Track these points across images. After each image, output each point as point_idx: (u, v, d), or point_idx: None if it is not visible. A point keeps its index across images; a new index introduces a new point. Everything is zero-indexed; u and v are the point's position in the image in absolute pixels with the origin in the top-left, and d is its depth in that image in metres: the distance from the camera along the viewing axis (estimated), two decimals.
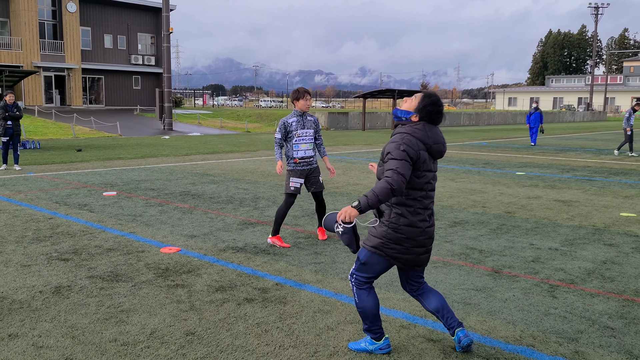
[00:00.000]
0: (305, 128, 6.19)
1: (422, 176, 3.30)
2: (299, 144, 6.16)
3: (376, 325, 3.48)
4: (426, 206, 3.36)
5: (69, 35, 41.07)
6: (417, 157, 3.23)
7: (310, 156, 6.28)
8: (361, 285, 3.47)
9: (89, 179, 11.34)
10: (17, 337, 3.72)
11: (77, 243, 6.20)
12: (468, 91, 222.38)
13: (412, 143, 3.22)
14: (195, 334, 3.80)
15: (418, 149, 3.23)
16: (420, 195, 3.32)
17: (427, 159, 3.29)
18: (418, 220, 3.31)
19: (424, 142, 3.27)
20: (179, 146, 20.22)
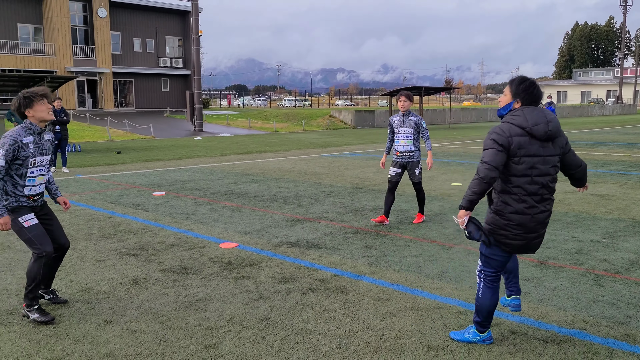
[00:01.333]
0: (404, 127, 7.11)
1: (522, 162, 3.27)
2: (398, 140, 7.17)
3: (487, 321, 3.60)
4: (534, 192, 3.31)
5: (100, 40, 42.09)
6: (509, 143, 3.26)
7: (408, 151, 7.15)
8: (490, 281, 3.55)
9: (135, 179, 11.85)
10: (111, 322, 4.13)
11: (141, 240, 6.63)
12: (493, 86, 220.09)
13: (502, 130, 3.29)
14: (270, 319, 4.16)
15: (510, 135, 3.26)
16: (523, 182, 3.30)
17: (525, 143, 3.25)
18: (524, 207, 3.32)
19: (521, 127, 3.27)
20: (212, 147, 20.73)
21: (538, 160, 3.30)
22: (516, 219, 3.34)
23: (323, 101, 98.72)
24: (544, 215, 3.40)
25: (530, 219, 3.34)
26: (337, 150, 18.88)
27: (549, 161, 3.34)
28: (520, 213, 3.33)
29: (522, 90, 3.37)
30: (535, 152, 3.29)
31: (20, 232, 4.12)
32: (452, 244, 6.29)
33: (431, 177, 11.72)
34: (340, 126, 36.19)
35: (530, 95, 3.36)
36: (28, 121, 4.15)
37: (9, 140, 3.99)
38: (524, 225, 3.35)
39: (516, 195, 3.33)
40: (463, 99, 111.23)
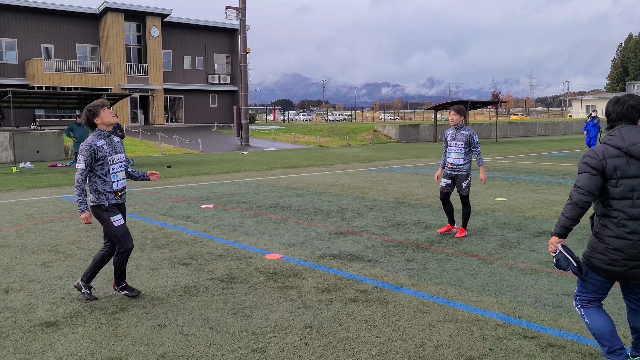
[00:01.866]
0: (456, 140, 7.40)
1: (620, 184, 3.16)
2: (450, 153, 7.50)
3: (615, 344, 3.33)
4: (636, 216, 3.16)
5: (152, 58, 43.70)
6: (603, 166, 3.17)
7: (458, 164, 7.42)
8: (586, 304, 3.43)
9: (185, 193, 12.32)
10: (165, 326, 4.42)
11: (191, 250, 6.96)
12: (542, 99, 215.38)
13: (595, 153, 3.21)
14: (312, 327, 4.36)
15: (603, 158, 3.17)
16: (624, 205, 3.18)
17: (622, 164, 3.15)
18: (625, 231, 3.18)
19: (618, 148, 3.16)
20: (258, 161, 21.21)
21: (638, 183, 3.15)
22: (615, 243, 3.21)
23: (367, 115, 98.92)
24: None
25: (631, 244, 3.17)
26: (381, 165, 19.00)
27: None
28: (620, 238, 3.19)
29: (610, 112, 3.29)
30: (635, 173, 3.15)
31: (109, 230, 4.92)
32: (494, 259, 6.35)
33: (475, 192, 11.71)
34: (384, 140, 36.27)
35: (623, 117, 3.24)
36: (97, 129, 4.93)
37: (86, 147, 4.80)
38: (623, 251, 3.19)
39: (616, 219, 3.21)
40: (511, 112, 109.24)
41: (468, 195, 7.49)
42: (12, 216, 9.51)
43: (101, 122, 4.91)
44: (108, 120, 4.91)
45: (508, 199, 10.77)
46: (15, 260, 6.56)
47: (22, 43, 39.50)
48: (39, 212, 9.86)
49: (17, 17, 39.03)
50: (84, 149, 4.80)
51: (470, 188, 7.47)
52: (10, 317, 4.65)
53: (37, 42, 40.08)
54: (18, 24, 39.14)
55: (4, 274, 5.95)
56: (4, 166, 19.66)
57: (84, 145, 4.81)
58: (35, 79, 38.51)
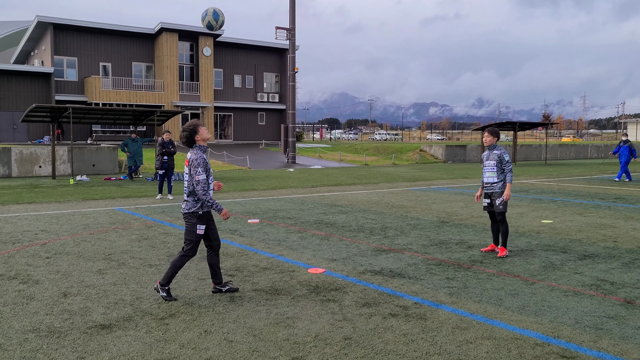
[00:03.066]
0: (489, 159, 7.65)
1: None
2: (485, 172, 7.71)
3: None
4: None
5: (204, 77, 45.05)
6: None
7: (492, 182, 7.61)
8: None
9: (232, 207, 12.67)
10: (211, 333, 4.64)
11: (237, 262, 7.21)
12: (596, 121, 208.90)
13: None
14: (352, 339, 4.49)
15: None
16: None
17: None
18: None
19: None
20: (304, 178, 21.51)
21: None
22: None
23: (414, 135, 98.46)
24: None
25: None
26: (426, 184, 18.96)
27: None
28: None
29: None
30: None
31: (191, 234, 5.48)
32: (536, 280, 6.32)
33: (521, 214, 11.58)
34: (430, 160, 36.07)
35: None
36: (198, 145, 5.53)
37: (202, 160, 5.43)
38: None
39: None
40: (562, 134, 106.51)
41: (504, 212, 7.56)
42: (69, 225, 10.05)
43: (200, 138, 5.52)
44: (206, 136, 5.54)
45: (554, 221, 10.61)
46: (73, 266, 6.96)
47: (82, 61, 41.47)
48: (94, 223, 10.38)
49: (78, 36, 41.06)
50: (201, 162, 5.40)
51: (506, 206, 7.53)
52: (69, 319, 4.97)
53: (95, 61, 41.99)
54: (78, 43, 41.17)
55: (62, 279, 6.34)
56: (62, 178, 20.65)
57: (200, 159, 5.42)
58: (93, 96, 40.29)
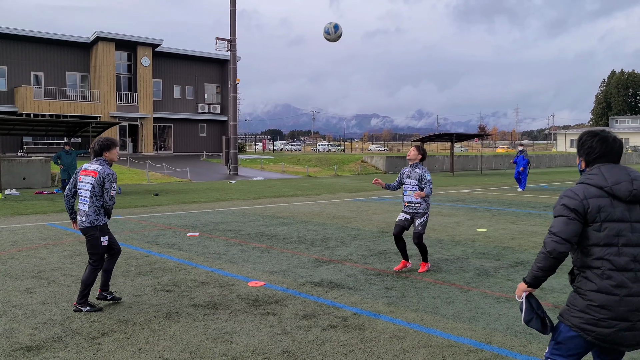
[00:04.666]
0: (410, 178, 7.27)
1: (604, 228, 2.75)
2: (406, 190, 7.32)
3: None
4: (623, 267, 2.73)
5: (142, 87, 44.06)
6: (585, 207, 2.78)
7: (414, 202, 7.25)
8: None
9: (171, 221, 12.40)
10: (145, 351, 4.50)
11: (174, 277, 7.05)
12: (528, 132, 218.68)
13: (574, 194, 2.82)
14: (290, 352, 4.47)
15: (584, 198, 2.79)
16: (608, 253, 2.74)
17: (605, 206, 2.76)
18: (610, 285, 2.73)
19: (600, 187, 2.79)
20: (246, 190, 21.34)
21: (625, 227, 2.74)
22: (597, 299, 2.75)
23: (356, 146, 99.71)
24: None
25: (618, 301, 2.71)
26: (367, 195, 19.22)
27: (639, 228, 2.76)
28: (604, 292, 2.74)
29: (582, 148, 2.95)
30: (621, 216, 2.75)
31: (96, 247, 5.61)
32: (470, 287, 6.51)
33: (457, 223, 11.92)
34: (371, 171, 36.60)
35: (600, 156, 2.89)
36: (105, 159, 5.73)
37: (114, 176, 5.66)
38: (609, 308, 2.72)
39: (599, 270, 2.76)
40: (497, 145, 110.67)
41: (422, 234, 7.21)
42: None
43: (109, 156, 5.77)
44: (114, 158, 5.81)
45: (489, 230, 10.98)
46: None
47: (12, 70, 39.71)
48: (23, 239, 9.90)
49: (7, 44, 39.32)
50: (114, 178, 5.67)
51: (424, 228, 7.23)
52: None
53: (27, 70, 40.31)
54: (8, 51, 39.42)
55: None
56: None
57: (113, 175, 5.66)
58: (24, 106, 38.59)
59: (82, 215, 5.64)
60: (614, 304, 2.71)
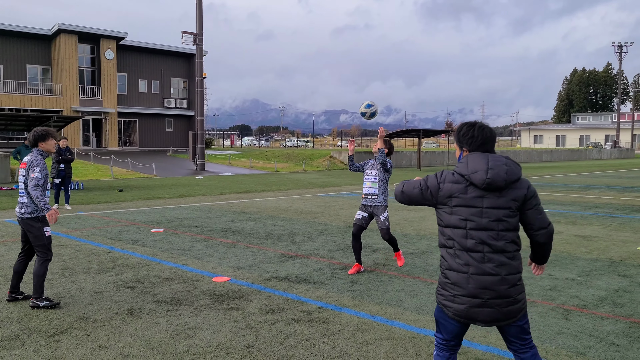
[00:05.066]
0: (373, 169, 6.87)
1: (455, 212, 2.96)
2: (365, 182, 6.93)
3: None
4: (471, 248, 2.92)
5: (106, 81, 43.16)
6: (437, 188, 3.02)
7: (371, 194, 6.84)
8: (439, 349, 3.14)
9: (135, 217, 12.21)
10: (105, 348, 4.43)
11: (138, 273, 6.95)
12: (494, 129, 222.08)
13: (439, 175, 3.05)
14: (254, 346, 4.46)
15: (442, 181, 3.01)
16: (457, 235, 2.96)
17: (458, 191, 2.95)
18: (459, 263, 2.94)
19: (461, 174, 2.97)
20: (213, 186, 21.16)
21: (475, 212, 2.92)
22: (451, 276, 2.98)
23: (325, 142, 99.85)
24: (489, 279, 2.90)
25: (466, 279, 2.92)
26: (335, 190, 19.27)
27: (491, 214, 2.92)
28: (455, 270, 2.96)
29: (457, 141, 3.10)
30: (472, 202, 2.93)
31: (41, 238, 5.49)
32: (434, 280, 6.60)
33: (423, 217, 12.06)
34: (340, 167, 36.71)
35: (467, 145, 3.05)
36: (39, 149, 5.59)
37: (41, 160, 5.49)
38: (460, 285, 2.94)
39: (451, 249, 2.99)
40: None
41: (388, 228, 6.87)
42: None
43: (45, 146, 5.65)
44: (50, 149, 5.67)
45: None
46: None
47: None
48: None
49: None
50: (40, 162, 5.46)
51: (389, 221, 6.80)
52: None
53: None
54: None
55: None
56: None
57: (39, 159, 5.49)
58: None
59: (20, 207, 5.52)
60: (463, 282, 2.92)
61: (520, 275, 2.99)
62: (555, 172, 32.41)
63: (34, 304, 5.45)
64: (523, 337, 3.04)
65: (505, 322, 2.96)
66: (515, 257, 2.97)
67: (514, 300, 2.94)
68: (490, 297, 2.90)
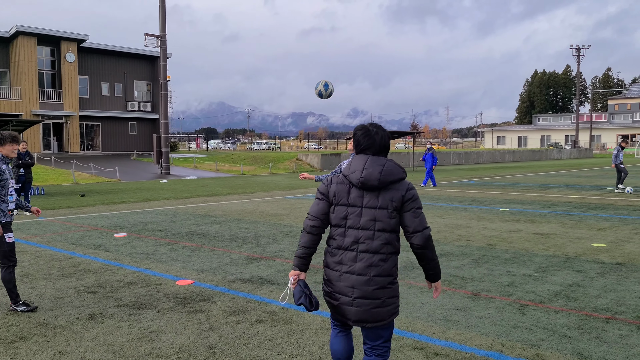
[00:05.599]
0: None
1: (336, 211, 3.06)
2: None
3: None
4: (346, 246, 3.01)
5: (67, 84, 42.28)
6: (328, 191, 3.10)
7: None
8: (332, 325, 3.32)
9: (97, 222, 12.03)
10: (66, 353, 4.39)
11: (99, 278, 6.87)
12: (458, 130, 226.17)
13: (327, 179, 3.17)
14: (217, 347, 4.48)
15: (330, 183, 3.12)
16: (336, 233, 3.06)
17: (342, 191, 3.05)
18: (334, 261, 3.06)
19: (345, 175, 3.07)
20: (178, 189, 20.96)
21: (355, 211, 3.01)
22: (327, 273, 3.10)
23: (292, 144, 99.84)
24: (357, 279, 2.97)
25: (338, 276, 3.01)
26: (301, 193, 19.33)
27: (369, 214, 2.99)
28: (330, 268, 3.07)
29: (353, 140, 3.16)
30: (352, 202, 3.02)
31: (1, 245, 5.41)
32: (398, 279, 6.70)
33: None
34: (306, 169, 36.77)
35: (356, 148, 3.13)
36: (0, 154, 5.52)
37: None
38: (332, 282, 3.05)
39: (330, 247, 3.11)
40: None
41: None
42: None
43: (4, 152, 5.54)
44: (8, 154, 5.54)
45: None
46: None
47: None
48: None
49: None
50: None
51: None
52: None
53: None
54: None
55: None
56: None
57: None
58: None
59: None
60: (335, 279, 3.01)
61: (392, 279, 3.01)
62: (517, 172, 33.18)
63: (12, 308, 5.51)
64: (377, 341, 3.07)
65: (372, 324, 2.99)
66: (389, 259, 3.00)
67: (382, 303, 2.97)
68: (357, 296, 2.95)
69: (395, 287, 3.06)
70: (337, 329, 3.26)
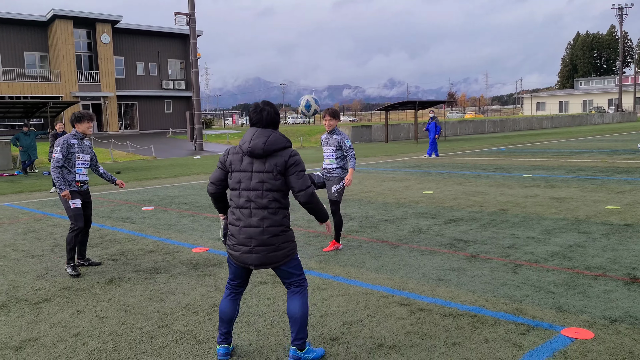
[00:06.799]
0: (328, 145, 6.88)
1: (232, 177, 3.61)
2: (325, 159, 6.95)
3: (220, 330, 3.78)
4: (242, 205, 3.55)
5: (103, 65, 43.37)
6: (224, 160, 3.66)
7: (330, 168, 6.85)
8: (226, 287, 3.83)
9: (128, 197, 12.63)
10: (83, 312, 4.85)
11: (122, 247, 7.37)
12: (498, 97, 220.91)
13: (226, 150, 3.71)
14: (218, 306, 4.85)
15: (227, 154, 3.66)
16: (233, 195, 3.61)
17: (236, 159, 3.58)
18: (234, 218, 3.60)
19: (239, 146, 3.61)
20: (209, 165, 21.54)
21: (245, 176, 3.55)
22: (230, 229, 3.64)
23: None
24: (253, 231, 3.52)
25: (238, 230, 3.56)
26: None
27: (257, 177, 3.53)
28: (232, 224, 3.62)
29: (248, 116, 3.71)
30: (244, 168, 3.56)
31: (68, 210, 6.16)
32: (400, 243, 6.97)
33: (407, 187, 12.40)
34: None
35: (250, 119, 3.65)
36: (75, 130, 6.28)
37: (62, 141, 6.14)
38: (234, 236, 3.59)
39: (230, 207, 3.67)
40: (466, 111, 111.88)
41: (338, 202, 6.82)
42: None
43: (80, 129, 6.27)
44: (85, 130, 6.28)
45: (435, 192, 11.49)
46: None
47: None
48: None
49: None
50: (60, 142, 6.13)
51: (341, 195, 6.86)
52: None
53: None
54: None
55: None
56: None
57: (61, 140, 6.15)
58: None
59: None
60: (236, 233, 3.57)
61: (283, 227, 3.57)
62: (552, 138, 32.54)
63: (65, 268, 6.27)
64: (290, 278, 3.67)
65: (272, 266, 3.59)
66: (278, 212, 3.56)
67: (277, 247, 3.56)
68: (255, 244, 3.53)
69: (288, 234, 3.61)
70: (229, 291, 3.81)
